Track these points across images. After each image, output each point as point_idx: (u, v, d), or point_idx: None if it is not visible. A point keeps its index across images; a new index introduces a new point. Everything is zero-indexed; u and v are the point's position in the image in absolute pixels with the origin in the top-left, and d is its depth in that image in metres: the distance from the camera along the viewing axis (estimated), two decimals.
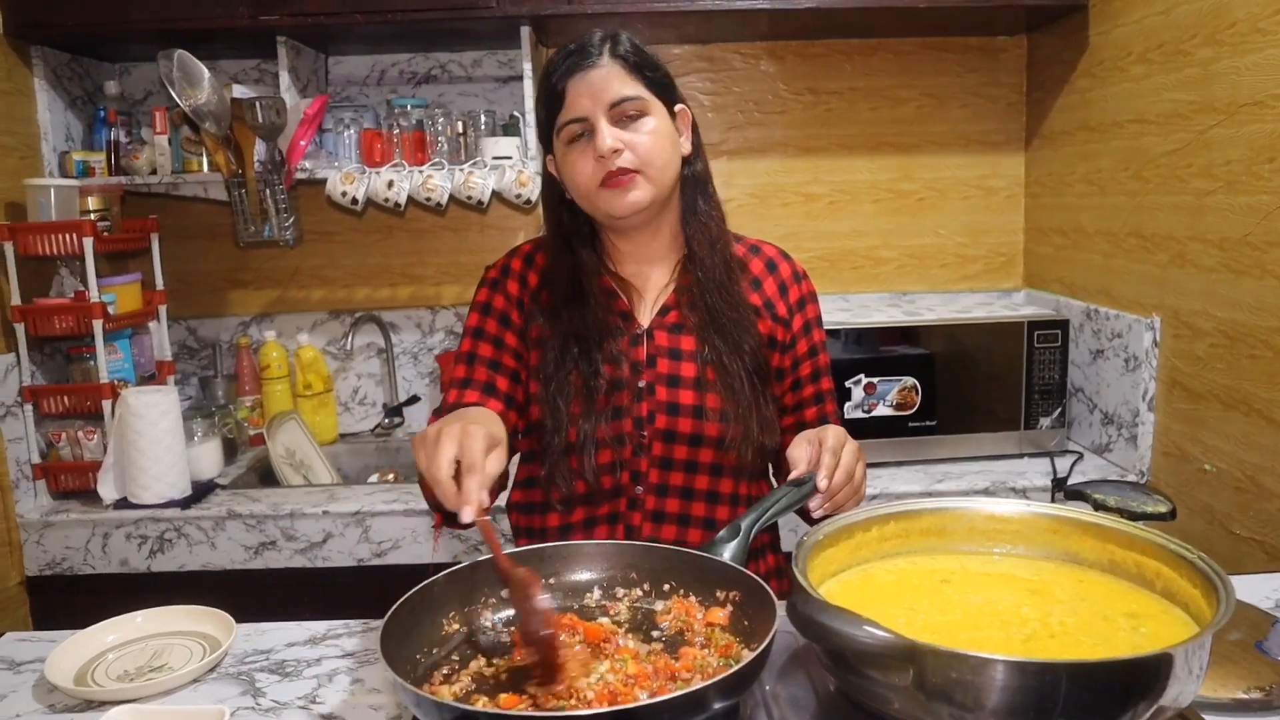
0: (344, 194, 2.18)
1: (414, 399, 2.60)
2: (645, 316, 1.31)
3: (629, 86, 1.21)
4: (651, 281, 1.32)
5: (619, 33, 1.24)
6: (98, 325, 2.03)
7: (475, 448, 0.94)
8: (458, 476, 0.93)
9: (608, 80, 1.20)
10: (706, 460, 1.28)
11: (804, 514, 1.20)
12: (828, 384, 1.38)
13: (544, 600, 0.91)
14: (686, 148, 1.29)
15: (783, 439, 1.31)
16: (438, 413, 1.25)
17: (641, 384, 1.27)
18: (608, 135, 1.19)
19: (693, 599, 1.03)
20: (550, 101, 1.24)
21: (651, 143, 1.22)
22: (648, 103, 1.22)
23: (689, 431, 1.26)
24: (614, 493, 1.28)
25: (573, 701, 0.85)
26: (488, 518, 0.93)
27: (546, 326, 1.29)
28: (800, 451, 1.14)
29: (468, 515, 0.91)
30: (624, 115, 1.21)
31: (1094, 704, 0.74)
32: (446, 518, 1.19)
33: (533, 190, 2.18)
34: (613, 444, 1.26)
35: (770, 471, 1.42)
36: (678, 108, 1.28)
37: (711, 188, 1.33)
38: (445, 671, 0.93)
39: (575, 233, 1.31)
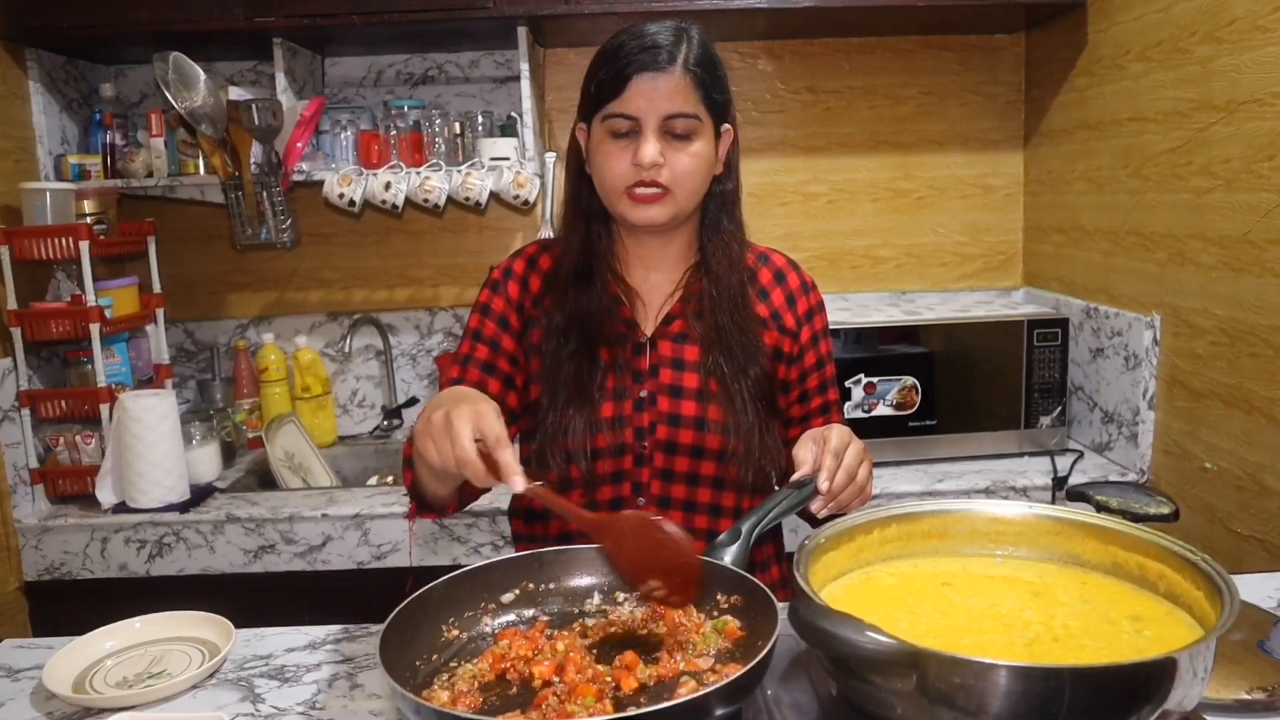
0: (341, 196, 2.17)
1: (413, 401, 2.59)
2: (649, 325, 1.29)
3: (689, 104, 1.18)
4: (657, 288, 1.30)
5: (694, 34, 1.21)
6: (95, 329, 2.02)
7: (494, 422, 0.93)
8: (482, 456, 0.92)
9: (671, 92, 1.17)
10: (708, 473, 1.27)
11: (808, 516, 1.19)
12: (834, 394, 1.38)
13: (673, 529, 0.94)
14: (719, 167, 1.27)
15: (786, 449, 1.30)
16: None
17: (643, 394, 1.26)
18: (652, 147, 1.17)
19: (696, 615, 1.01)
20: (606, 84, 1.19)
21: (690, 167, 1.20)
22: (700, 124, 1.20)
23: (690, 443, 1.25)
24: (616, 504, 1.27)
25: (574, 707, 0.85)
26: (538, 482, 0.94)
27: (549, 310, 1.28)
28: (805, 452, 1.12)
29: (520, 484, 0.90)
30: (674, 130, 1.18)
31: (1098, 709, 0.74)
32: (422, 506, 1.19)
33: (531, 191, 2.18)
34: (613, 454, 1.25)
35: (774, 478, 1.40)
36: (724, 126, 1.26)
37: (739, 208, 1.31)
38: (445, 678, 0.93)
39: (592, 209, 1.29)
